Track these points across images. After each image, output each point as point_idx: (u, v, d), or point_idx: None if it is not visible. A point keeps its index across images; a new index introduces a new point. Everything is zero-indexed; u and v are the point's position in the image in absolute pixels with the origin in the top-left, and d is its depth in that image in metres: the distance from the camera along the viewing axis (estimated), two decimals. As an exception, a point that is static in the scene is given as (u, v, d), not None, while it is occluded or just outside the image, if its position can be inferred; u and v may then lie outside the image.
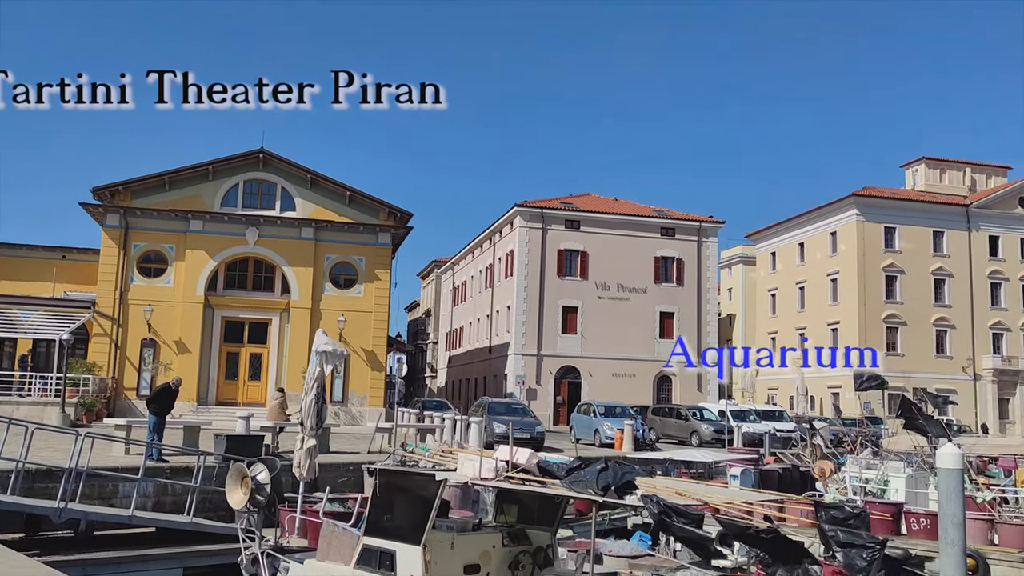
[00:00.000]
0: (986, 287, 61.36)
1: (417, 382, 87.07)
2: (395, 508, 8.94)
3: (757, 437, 31.66)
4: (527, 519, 9.58)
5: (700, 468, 24.43)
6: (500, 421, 28.08)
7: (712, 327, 51.93)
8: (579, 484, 7.66)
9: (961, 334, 60.36)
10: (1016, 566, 16.77)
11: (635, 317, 50.20)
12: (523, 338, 49.07)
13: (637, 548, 13.82)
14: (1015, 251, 62.34)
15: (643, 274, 50.85)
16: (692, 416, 35.42)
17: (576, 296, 49.94)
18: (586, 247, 50.47)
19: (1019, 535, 17.79)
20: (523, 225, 50.02)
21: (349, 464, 20.23)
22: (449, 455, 9.88)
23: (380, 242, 38.44)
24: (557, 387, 49.15)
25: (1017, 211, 63.03)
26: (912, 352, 58.77)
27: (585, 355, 49.39)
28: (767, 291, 70.40)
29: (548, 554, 9.29)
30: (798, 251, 66.37)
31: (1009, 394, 60.68)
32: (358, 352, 37.16)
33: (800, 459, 27.91)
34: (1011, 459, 25.05)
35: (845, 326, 59.57)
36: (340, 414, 36.01)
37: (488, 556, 8.85)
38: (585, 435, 33.09)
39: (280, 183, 38.05)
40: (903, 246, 59.99)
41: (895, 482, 21.98)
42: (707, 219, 52.88)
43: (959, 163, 68.20)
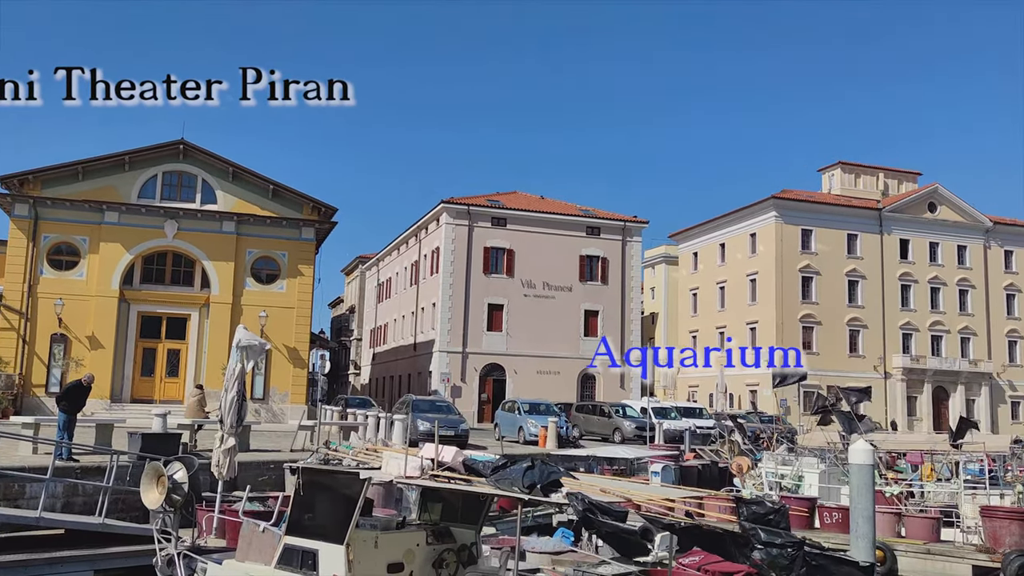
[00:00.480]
0: (897, 289, 63.70)
1: (340, 379, 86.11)
2: (318, 507, 8.81)
3: (678, 434, 32.23)
4: (451, 517, 9.55)
5: (622, 465, 24.74)
6: (424, 419, 27.95)
7: (635, 325, 52.64)
8: (505, 482, 7.66)
9: (873, 334, 62.51)
10: (921, 557, 17.44)
11: (560, 315, 50.56)
12: (448, 335, 48.95)
13: (560, 544, 13.92)
14: (924, 254, 64.86)
15: (569, 272, 51.24)
16: (615, 413, 35.84)
17: (502, 294, 50.04)
18: (512, 245, 50.60)
19: (925, 527, 18.51)
20: (449, 222, 49.88)
21: (270, 462, 19.89)
22: (374, 453, 9.79)
23: (304, 237, 37.88)
24: (482, 384, 49.18)
25: (927, 216, 65.56)
26: (826, 351, 60.65)
27: (510, 353, 49.54)
28: (689, 290, 71.73)
29: (472, 552, 9.29)
30: (719, 252, 67.80)
31: (917, 392, 63.12)
32: (280, 349, 36.56)
33: (719, 455, 28.56)
34: (918, 455, 26.08)
35: (763, 325, 61.09)
36: (261, 411, 35.37)
37: (412, 554, 8.80)
38: (510, 432, 33.17)
39: (201, 175, 37.14)
40: (819, 248, 61.81)
41: (809, 477, 22.66)
42: (632, 219, 53.57)
43: (873, 168, 70.62)
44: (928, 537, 18.25)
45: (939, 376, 63.32)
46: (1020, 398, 66.25)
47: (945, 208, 66.24)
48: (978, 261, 66.44)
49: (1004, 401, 65.70)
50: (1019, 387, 66.19)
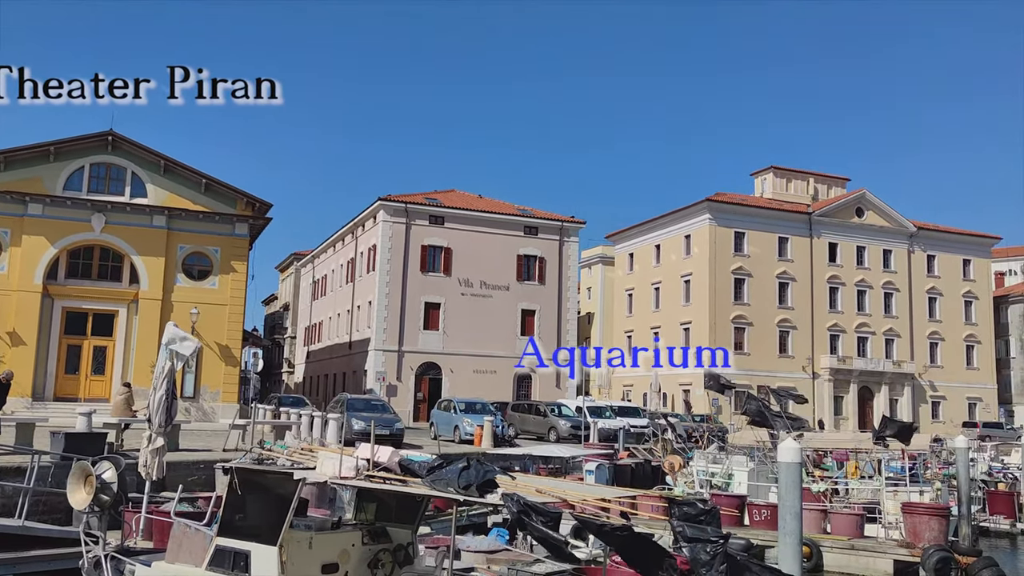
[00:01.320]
0: (825, 291, 65.35)
1: (273, 378, 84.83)
2: (251, 507, 8.69)
3: (612, 433, 32.56)
4: (387, 517, 9.51)
5: (557, 463, 24.90)
6: (359, 418, 27.75)
7: (572, 325, 52.99)
8: (440, 483, 7.66)
9: (802, 335, 64.02)
10: (846, 553, 17.97)
11: (497, 314, 50.62)
12: (384, 334, 48.60)
13: (494, 543, 13.97)
14: (852, 258, 66.67)
15: (506, 272, 51.33)
16: (550, 412, 36.04)
17: (439, 292, 49.88)
18: (450, 243, 50.48)
19: (849, 524, 19.06)
20: (387, 219, 49.53)
21: (200, 462, 19.52)
22: (309, 453, 9.68)
23: (237, 233, 37.22)
24: (418, 383, 48.96)
25: (854, 220, 67.39)
26: (757, 351, 61.91)
27: (447, 352, 49.42)
28: (624, 291, 72.49)
29: (408, 552, 9.27)
30: (654, 253, 68.65)
31: (843, 392, 64.86)
32: (212, 346, 35.85)
33: (652, 454, 28.95)
34: (843, 452, 26.82)
35: (696, 326, 62.07)
36: (191, 410, 34.65)
37: (347, 555, 8.74)
38: (445, 432, 33.12)
39: (131, 168, 36.18)
40: (751, 250, 63.04)
41: (738, 475, 23.13)
42: (569, 219, 53.91)
43: (804, 173, 72.30)
44: (852, 533, 18.80)
45: (864, 376, 65.18)
46: (940, 398, 68.59)
47: (872, 213, 68.18)
48: (902, 265, 68.56)
49: (925, 401, 67.94)
50: (939, 387, 68.51)
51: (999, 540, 24.27)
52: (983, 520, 24.52)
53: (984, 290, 72.34)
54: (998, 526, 25.07)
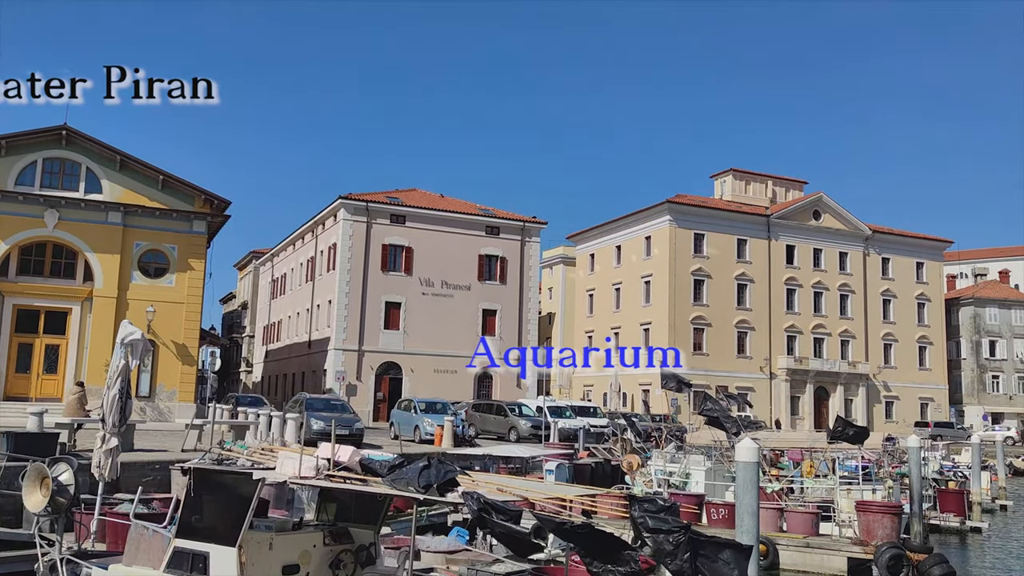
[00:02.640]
0: (782, 293, 66.22)
1: (231, 377, 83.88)
2: (210, 508, 8.59)
3: (572, 432, 32.64)
4: (349, 517, 9.46)
5: (518, 463, 24.92)
6: (318, 417, 27.51)
7: (533, 325, 53.07)
8: (401, 482, 7.64)
9: (759, 336, 64.80)
10: (801, 551, 18.23)
11: (458, 314, 50.53)
12: (344, 333, 48.28)
13: (455, 543, 13.97)
14: (808, 260, 67.63)
15: (467, 271, 51.25)
16: (511, 412, 36.03)
17: (400, 292, 49.67)
18: (411, 243, 50.28)
19: (804, 522, 19.34)
20: (347, 218, 49.19)
21: (155, 463, 19.21)
22: (269, 453, 9.60)
23: (195, 230, 36.72)
24: (378, 383, 48.70)
25: (811, 223, 68.38)
26: (716, 352, 62.54)
27: (407, 351, 49.22)
28: (585, 291, 72.79)
29: (370, 552, 9.22)
30: (615, 253, 69.03)
31: (800, 392, 65.79)
32: (168, 345, 35.36)
33: (612, 453, 29.12)
34: (798, 452, 27.22)
35: (656, 326, 62.52)
36: (147, 410, 34.14)
37: (308, 556, 8.68)
38: (406, 431, 32.97)
39: (85, 163, 35.53)
40: (710, 252, 63.67)
41: (696, 475, 23.36)
42: (530, 219, 53.99)
43: (762, 176, 73.19)
44: (807, 531, 19.08)
45: (820, 377, 66.16)
46: (893, 398, 69.87)
47: (828, 216, 69.23)
48: (858, 267, 69.71)
49: (879, 401, 69.16)
50: (893, 388, 69.79)
51: (949, 537, 24.80)
52: (934, 518, 25.03)
53: (936, 292, 73.84)
54: (948, 523, 25.60)
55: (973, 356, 76.84)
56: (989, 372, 77.05)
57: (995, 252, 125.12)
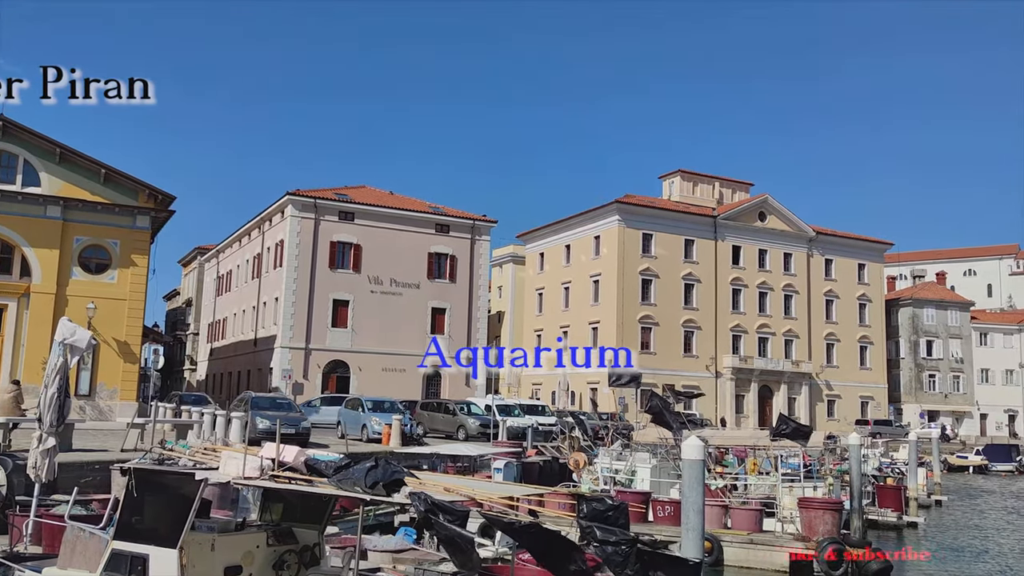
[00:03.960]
0: (728, 293, 67.16)
1: (175, 375, 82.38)
2: (150, 509, 8.42)
3: (521, 431, 32.70)
4: (294, 517, 9.36)
5: (466, 462, 24.91)
6: (264, 416, 27.16)
7: (482, 324, 53.06)
8: (347, 482, 7.57)
9: (705, 335, 65.64)
10: (745, 547, 18.51)
11: (407, 312, 50.29)
12: (291, 331, 47.73)
13: (402, 543, 13.92)
14: (754, 260, 68.69)
15: (417, 269, 51.03)
16: (460, 411, 35.99)
17: (348, 289, 49.26)
18: (360, 240, 49.90)
19: (748, 519, 19.64)
20: (295, 215, 48.64)
21: (95, 463, 18.77)
22: (212, 453, 9.44)
23: (138, 225, 35.94)
24: (325, 382, 48.24)
25: (757, 224, 69.45)
26: (663, 351, 63.18)
27: (355, 349, 48.85)
28: (535, 290, 72.98)
29: (315, 552, 9.13)
30: (565, 253, 69.33)
31: (745, 390, 66.80)
32: (109, 342, 34.56)
33: (560, 452, 29.22)
34: (743, 449, 27.63)
35: (604, 325, 62.95)
36: (87, 409, 33.33)
37: (251, 556, 8.56)
38: (353, 430, 32.75)
39: (23, 155, 34.51)
40: (658, 252, 64.29)
41: (641, 472, 23.57)
42: (480, 218, 53.95)
43: (710, 177, 74.12)
44: (751, 528, 19.38)
45: (765, 376, 67.26)
46: (835, 396, 71.33)
47: (774, 218, 70.38)
48: (802, 268, 71.00)
49: (821, 399, 70.55)
50: (835, 386, 71.24)
51: (887, 532, 25.41)
52: (872, 513, 25.61)
53: (877, 293, 75.58)
54: (886, 519, 26.22)
55: (911, 355, 78.80)
56: (926, 371, 79.12)
57: (933, 254, 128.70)
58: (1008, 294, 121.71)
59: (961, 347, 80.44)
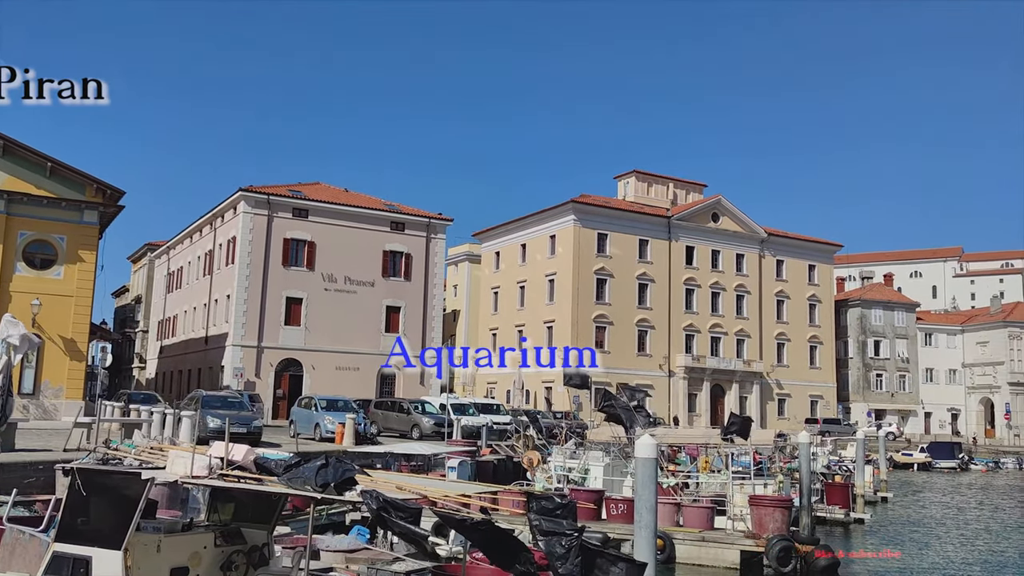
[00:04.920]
0: (682, 292, 67.84)
1: (123, 373, 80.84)
2: (93, 510, 8.23)
3: (475, 430, 32.68)
4: (243, 517, 9.23)
5: (420, 461, 24.82)
6: (215, 415, 26.79)
7: (437, 322, 52.88)
8: (298, 481, 7.49)
9: (659, 334, 66.22)
10: (696, 544, 18.70)
11: (361, 310, 49.91)
12: (243, 329, 47.09)
13: (354, 542, 13.80)
14: (707, 261, 69.47)
15: (371, 267, 50.67)
16: (414, 410, 35.84)
17: (302, 287, 48.74)
18: (314, 237, 49.40)
19: (700, 516, 19.84)
20: (248, 211, 47.98)
21: (39, 463, 18.31)
22: (158, 452, 9.27)
23: (86, 220, 35.17)
24: (278, 380, 47.70)
25: (710, 225, 70.23)
26: (617, 350, 63.61)
27: (308, 348, 48.36)
28: (491, 289, 72.97)
29: (264, 552, 9.02)
30: (520, 252, 69.43)
31: (697, 389, 67.52)
32: (55, 340, 33.78)
33: (514, 450, 29.27)
34: (695, 447, 27.92)
35: (560, 324, 63.17)
36: (30, 407, 32.54)
37: (198, 557, 8.42)
38: (305, 429, 32.45)
39: (-35, 148, 33.60)
40: (613, 252, 64.70)
41: (594, 470, 23.70)
42: (436, 216, 53.74)
43: (664, 178, 74.79)
44: (703, 525, 19.59)
45: (717, 375, 68.06)
46: (786, 396, 72.43)
47: (726, 219, 71.24)
48: (753, 269, 71.97)
49: (772, 398, 71.59)
50: (785, 386, 72.34)
51: (835, 528, 25.86)
52: (821, 510, 26.05)
53: (827, 294, 76.91)
54: (834, 515, 26.69)
55: (859, 355, 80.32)
56: (873, 371, 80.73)
57: (881, 256, 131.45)
58: (952, 295, 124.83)
59: (907, 347, 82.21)
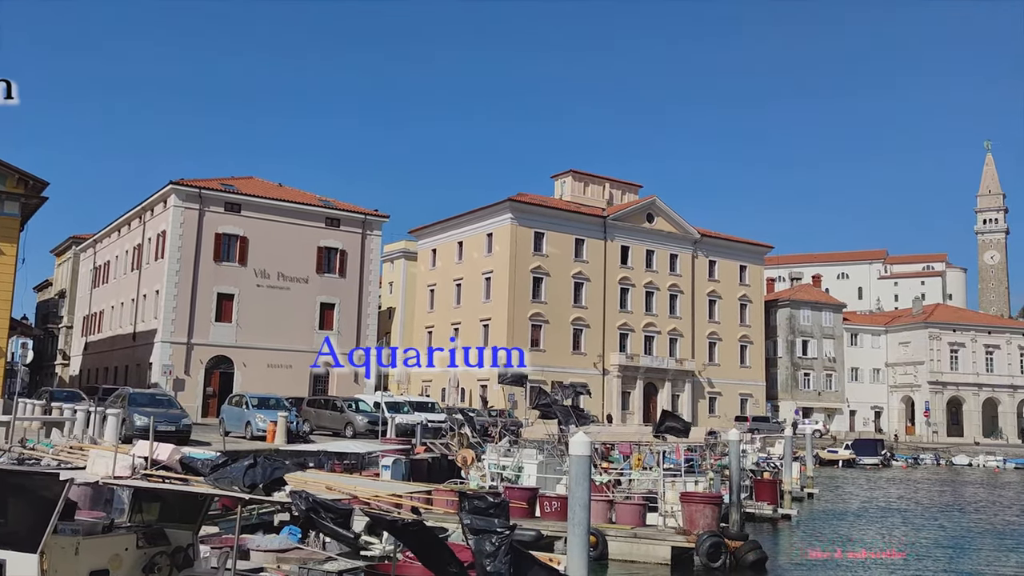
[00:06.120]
0: (616, 292, 68.50)
1: (45, 370, 78.37)
2: (8, 512, 7.94)
3: (410, 428, 32.51)
4: (168, 518, 9.00)
5: (353, 459, 24.59)
6: (142, 413, 26.16)
7: (372, 320, 52.45)
8: (224, 481, 7.33)
9: (594, 333, 66.77)
10: (629, 541, 18.88)
11: (295, 307, 49.21)
12: (172, 325, 46.02)
13: (286, 542, 13.59)
14: (641, 261, 70.26)
15: (306, 264, 49.99)
16: (347, 408, 35.51)
17: (233, 283, 47.84)
18: (247, 232, 48.53)
19: (632, 513, 20.04)
20: (178, 205, 46.90)
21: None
22: (79, 451, 8.98)
23: (6, 212, 33.88)
24: (208, 377, 46.74)
25: (645, 225, 71.04)
26: (552, 348, 63.94)
27: (240, 345, 47.48)
28: (427, 287, 72.65)
29: (188, 554, 8.81)
30: (457, 250, 69.27)
31: (631, 388, 68.26)
32: (-28, 335, 32.52)
33: (449, 449, 29.18)
34: (627, 445, 28.19)
35: (496, 323, 63.21)
36: (-56, 406, 31.28)
37: (119, 560, 8.17)
38: (236, 428, 31.90)
39: None
40: (549, 251, 65.00)
41: (528, 468, 23.77)
42: (372, 212, 53.29)
43: (600, 178, 75.39)
44: (635, 522, 19.78)
45: (650, 373, 68.89)
46: (717, 394, 73.69)
47: (661, 219, 72.14)
48: (687, 269, 73.04)
49: (703, 396, 72.76)
50: (716, 384, 73.59)
51: (763, 524, 26.39)
52: (750, 506, 26.56)
53: (757, 294, 78.45)
54: (762, 511, 27.23)
55: (788, 355, 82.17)
56: (802, 370, 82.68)
57: (809, 258, 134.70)
58: (877, 297, 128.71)
59: (834, 347, 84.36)
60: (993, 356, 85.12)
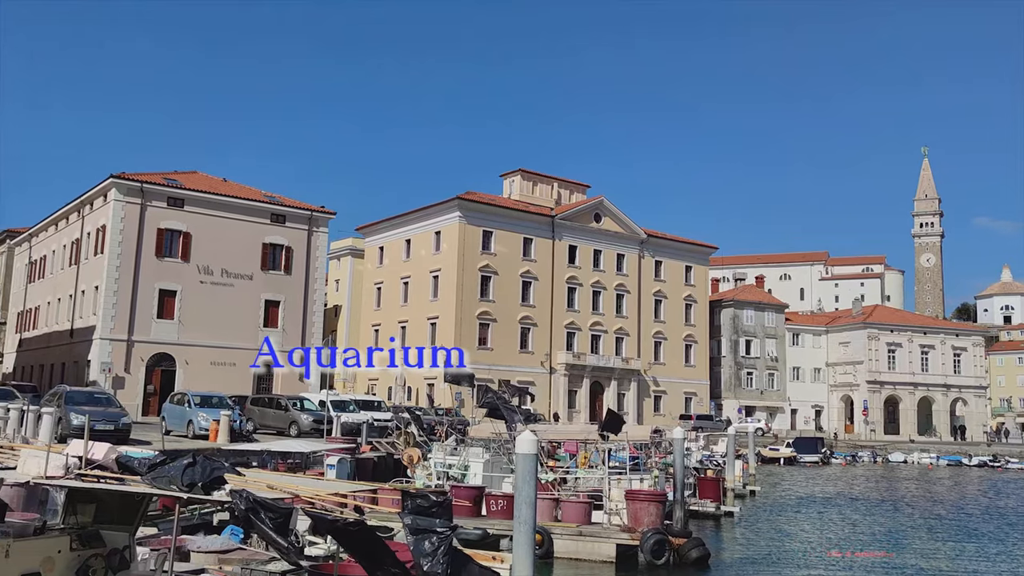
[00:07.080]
0: (564, 291, 68.85)
1: (-23, 368, 75.91)
2: (-66, 515, 7.68)
3: (356, 426, 32.25)
4: (105, 519, 8.76)
5: (298, 458, 24.31)
6: (79, 412, 25.50)
7: (318, 317, 51.89)
8: (162, 480, 7.18)
9: (541, 332, 67.00)
10: (574, 539, 18.99)
11: (239, 304, 48.44)
12: (112, 322, 44.96)
13: (228, 542, 13.38)
14: (589, 260, 70.71)
15: (250, 260, 49.24)
16: (292, 406, 35.07)
17: (176, 279, 46.92)
18: (190, 228, 47.63)
19: (578, 511, 20.15)
20: (119, 199, 45.83)
21: None
22: (10, 451, 8.71)
23: (-64, 204, 32.88)
24: (149, 375, 45.77)
25: (592, 225, 71.49)
26: (500, 347, 64.01)
27: (182, 342, 46.59)
28: (374, 284, 72.17)
29: (125, 556, 8.59)
30: (405, 247, 68.95)
31: (577, 386, 68.65)
32: (-101, 331, 31.45)
33: (395, 447, 29.05)
34: (574, 444, 28.34)
35: (443, 321, 63.07)
36: None
37: (52, 562, 7.94)
38: (178, 427, 31.30)
39: None
40: (498, 249, 65.04)
41: (474, 467, 23.77)
42: (318, 209, 52.71)
43: (549, 178, 75.68)
44: (581, 520, 19.90)
45: (596, 372, 69.37)
46: (662, 392, 74.49)
47: (608, 219, 72.67)
48: (633, 269, 73.70)
49: (649, 395, 73.50)
50: (662, 383, 74.39)
51: (706, 521, 26.75)
52: (694, 504, 26.90)
53: (702, 294, 79.50)
54: (705, 509, 27.61)
55: (732, 354, 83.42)
56: (745, 369, 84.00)
57: (753, 259, 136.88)
58: (818, 298, 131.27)
59: (776, 346, 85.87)
60: (928, 356, 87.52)
